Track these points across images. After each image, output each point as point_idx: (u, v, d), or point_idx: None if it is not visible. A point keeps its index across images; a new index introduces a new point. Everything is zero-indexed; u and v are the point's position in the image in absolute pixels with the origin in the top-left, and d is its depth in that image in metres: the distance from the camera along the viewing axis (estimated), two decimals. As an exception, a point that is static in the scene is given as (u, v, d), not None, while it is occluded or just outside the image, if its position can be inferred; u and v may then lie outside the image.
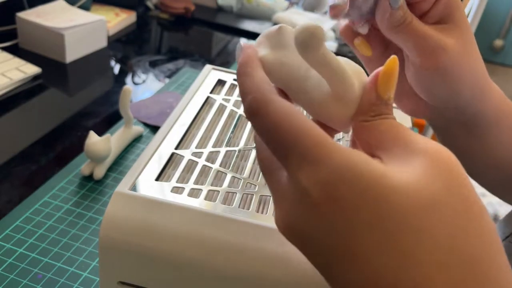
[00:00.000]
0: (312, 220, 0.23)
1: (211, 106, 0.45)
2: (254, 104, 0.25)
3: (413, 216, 0.22)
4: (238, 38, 1.16)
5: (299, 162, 0.23)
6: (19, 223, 0.54)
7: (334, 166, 0.22)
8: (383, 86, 0.26)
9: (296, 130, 0.23)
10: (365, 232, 0.22)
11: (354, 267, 0.22)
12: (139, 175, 0.34)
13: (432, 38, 0.36)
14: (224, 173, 0.36)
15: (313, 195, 0.23)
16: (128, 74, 0.94)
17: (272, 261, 0.30)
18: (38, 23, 0.89)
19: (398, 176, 0.23)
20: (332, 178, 0.22)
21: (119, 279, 0.33)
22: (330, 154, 0.23)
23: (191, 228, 0.31)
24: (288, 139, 0.24)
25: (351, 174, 0.22)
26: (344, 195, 0.22)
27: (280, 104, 0.25)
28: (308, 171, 0.23)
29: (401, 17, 0.36)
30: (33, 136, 0.70)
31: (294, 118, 0.24)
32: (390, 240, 0.22)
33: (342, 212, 0.22)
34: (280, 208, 0.25)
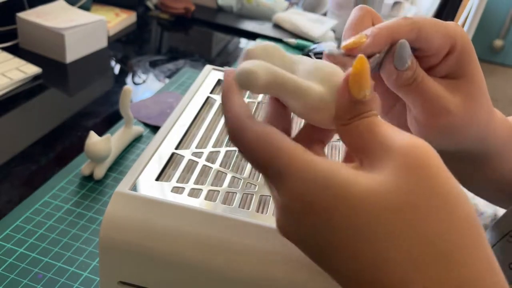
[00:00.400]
0: (297, 227, 0.26)
1: (211, 106, 0.45)
2: (231, 132, 0.27)
3: (382, 220, 0.23)
4: (238, 38, 1.16)
5: (276, 179, 0.26)
6: (19, 223, 0.54)
7: (305, 179, 0.24)
8: (355, 88, 0.26)
9: (269, 151, 0.25)
10: (340, 236, 0.24)
11: (337, 261, 0.25)
12: (139, 175, 0.34)
13: (439, 99, 0.34)
14: (224, 173, 0.36)
15: (292, 207, 0.25)
16: (128, 74, 0.94)
17: (272, 261, 0.30)
18: (38, 23, 0.89)
19: (365, 182, 0.24)
20: (304, 190, 0.24)
21: (119, 279, 0.33)
22: (301, 168, 0.25)
23: (191, 228, 0.31)
24: (264, 161, 0.26)
25: (320, 184, 0.24)
26: (316, 203, 0.24)
27: (254, 129, 0.26)
28: (284, 187, 0.25)
29: (409, 78, 0.33)
30: (33, 136, 0.70)
31: (268, 141, 0.26)
32: (362, 244, 0.23)
33: (317, 218, 0.24)
34: (276, 215, 0.27)
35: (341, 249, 0.24)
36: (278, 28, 1.21)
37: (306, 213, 0.25)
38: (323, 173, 0.24)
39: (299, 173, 0.25)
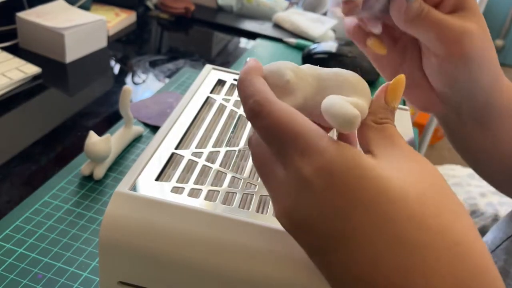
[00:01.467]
0: (312, 206, 0.25)
1: (211, 106, 0.45)
2: (256, 105, 0.27)
3: (404, 203, 0.24)
4: (238, 38, 1.16)
5: (301, 153, 0.25)
6: (19, 223, 0.54)
7: (333, 156, 0.25)
8: (391, 96, 0.30)
9: (297, 126, 0.26)
10: (362, 214, 0.24)
11: (351, 250, 0.24)
12: (139, 175, 0.34)
13: (454, 25, 0.36)
14: (224, 173, 0.36)
15: (314, 182, 0.25)
16: (128, 74, 0.94)
17: (272, 261, 0.30)
18: (38, 23, 0.89)
19: (390, 169, 0.25)
20: (331, 167, 0.25)
21: (119, 279, 0.33)
22: (328, 147, 0.25)
23: (191, 228, 0.31)
24: (290, 134, 0.26)
25: (348, 164, 0.25)
26: (342, 182, 0.24)
27: (281, 105, 0.27)
28: (310, 161, 0.25)
29: (417, 9, 0.36)
30: (33, 136, 0.70)
31: (295, 117, 0.26)
32: (385, 225, 0.24)
33: (340, 197, 0.24)
34: (279, 199, 0.27)
35: (361, 229, 0.24)
36: (278, 28, 1.21)
37: (332, 189, 0.24)
38: (351, 154, 0.25)
39: (328, 151, 0.25)
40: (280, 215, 0.27)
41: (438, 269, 0.23)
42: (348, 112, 0.27)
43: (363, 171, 0.24)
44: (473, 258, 0.24)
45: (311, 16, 1.24)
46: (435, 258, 0.23)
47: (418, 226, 0.24)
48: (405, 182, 0.25)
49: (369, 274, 0.24)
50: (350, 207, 0.24)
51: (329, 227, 0.25)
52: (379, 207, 0.24)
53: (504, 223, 0.55)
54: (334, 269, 0.25)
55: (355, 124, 0.27)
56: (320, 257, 0.26)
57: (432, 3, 0.37)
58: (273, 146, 0.27)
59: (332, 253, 0.25)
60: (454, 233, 0.24)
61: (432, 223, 0.24)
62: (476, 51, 0.37)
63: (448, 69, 0.39)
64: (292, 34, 1.17)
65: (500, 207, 1.61)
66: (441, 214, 0.24)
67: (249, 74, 0.29)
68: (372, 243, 0.24)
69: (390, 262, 0.23)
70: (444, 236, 0.24)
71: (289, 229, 0.27)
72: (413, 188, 0.25)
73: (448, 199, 0.26)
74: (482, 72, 0.39)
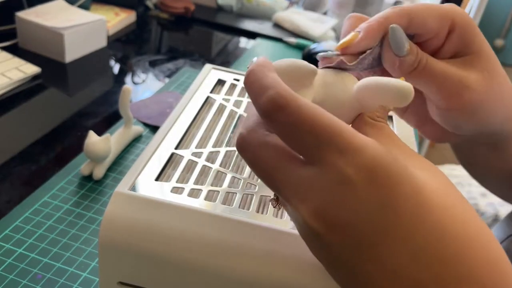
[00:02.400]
0: (355, 204, 0.24)
1: (211, 106, 0.45)
2: (279, 98, 0.25)
3: (437, 195, 0.24)
4: (238, 38, 1.16)
5: (340, 152, 0.24)
6: (18, 223, 0.54)
7: (374, 155, 0.24)
8: None
9: (332, 123, 0.24)
10: (404, 210, 0.24)
11: (391, 246, 0.24)
12: (138, 175, 0.34)
13: (453, 77, 0.34)
14: (224, 173, 0.36)
15: (354, 180, 0.24)
16: (128, 74, 0.94)
17: (272, 262, 0.30)
18: (38, 22, 0.89)
19: (423, 179, 0.25)
20: (373, 165, 0.24)
21: (118, 280, 0.33)
22: (367, 144, 0.24)
23: (191, 228, 0.31)
24: (327, 131, 0.24)
25: (389, 163, 0.24)
26: (384, 181, 0.24)
27: (305, 101, 0.25)
28: (350, 158, 0.24)
29: (413, 62, 0.33)
30: (33, 136, 0.69)
31: (326, 113, 0.25)
32: (425, 218, 0.24)
33: (381, 197, 0.24)
34: (310, 200, 0.25)
35: (401, 227, 0.24)
36: (278, 27, 1.20)
37: (372, 185, 0.24)
38: (385, 150, 0.24)
39: (368, 147, 0.24)
40: (312, 215, 0.24)
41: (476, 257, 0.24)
42: (403, 83, 0.26)
43: (400, 167, 0.24)
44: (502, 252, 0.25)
45: (311, 15, 1.24)
46: (473, 247, 0.24)
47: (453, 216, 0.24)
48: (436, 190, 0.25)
49: (408, 269, 0.23)
50: (394, 202, 0.24)
51: (370, 224, 0.24)
52: (419, 201, 0.24)
53: (503, 223, 0.55)
54: (365, 267, 0.24)
55: (411, 95, 0.26)
56: (351, 256, 0.24)
57: (431, 48, 0.35)
58: (299, 143, 0.25)
59: (368, 250, 0.24)
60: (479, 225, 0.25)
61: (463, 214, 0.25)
62: (481, 103, 0.35)
63: (452, 119, 0.36)
64: (292, 34, 1.17)
65: (500, 207, 1.61)
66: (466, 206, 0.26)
67: (263, 66, 0.27)
68: (413, 237, 0.23)
69: (432, 255, 0.23)
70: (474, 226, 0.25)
71: (319, 230, 0.25)
72: (435, 181, 0.25)
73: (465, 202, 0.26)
74: (492, 118, 0.37)
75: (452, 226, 0.24)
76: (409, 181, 0.24)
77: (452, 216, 0.24)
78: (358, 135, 0.25)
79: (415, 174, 0.25)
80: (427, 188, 0.25)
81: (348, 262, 0.25)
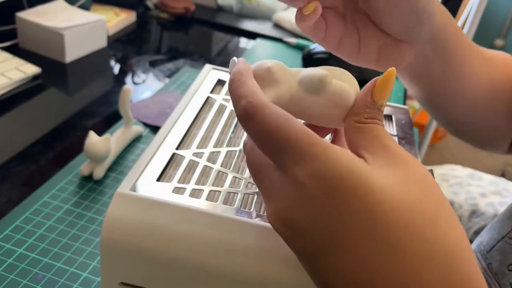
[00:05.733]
0: (306, 211, 0.25)
1: (211, 106, 0.45)
2: (249, 107, 0.27)
3: (399, 213, 0.24)
4: (238, 38, 1.16)
5: (297, 158, 0.25)
6: (19, 223, 0.54)
7: (328, 162, 0.24)
8: (379, 93, 0.29)
9: (292, 131, 0.26)
10: (355, 223, 0.24)
11: (343, 257, 0.24)
12: (140, 176, 0.34)
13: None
14: (225, 173, 0.36)
15: (308, 187, 0.25)
16: (128, 74, 0.94)
17: (274, 262, 0.30)
18: (38, 23, 0.89)
19: (384, 178, 0.25)
20: (326, 172, 0.24)
21: (120, 280, 0.33)
22: (324, 152, 0.25)
23: (193, 228, 0.31)
24: (285, 139, 0.25)
25: (343, 170, 0.24)
26: (336, 188, 0.24)
27: (274, 108, 0.27)
28: (305, 166, 0.25)
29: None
30: (33, 136, 0.69)
31: (289, 121, 0.26)
32: (378, 233, 0.24)
33: (334, 204, 0.24)
34: (273, 203, 0.27)
35: (354, 237, 0.24)
36: (278, 27, 1.21)
37: (324, 195, 0.24)
38: (344, 161, 0.25)
39: (320, 157, 0.25)
40: (274, 218, 0.26)
41: (432, 279, 0.23)
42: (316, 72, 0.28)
43: (356, 180, 0.24)
44: (463, 267, 0.24)
45: (311, 16, 1.23)
46: (429, 268, 0.23)
47: (413, 235, 0.24)
48: (400, 190, 0.25)
49: (362, 281, 0.24)
50: (343, 216, 0.24)
51: (322, 233, 0.24)
52: (373, 217, 0.24)
53: (498, 223, 0.55)
54: (326, 275, 0.25)
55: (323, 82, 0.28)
56: (312, 262, 0.26)
57: None
58: (267, 150, 0.27)
59: (325, 258, 0.25)
60: (448, 243, 0.24)
61: (427, 232, 0.24)
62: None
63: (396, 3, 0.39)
64: (292, 34, 1.17)
65: (500, 207, 1.61)
66: (436, 223, 0.24)
67: (241, 74, 0.29)
68: (366, 251, 0.23)
69: (384, 270, 0.23)
70: (439, 246, 0.24)
71: (282, 233, 0.26)
72: (408, 196, 0.24)
73: (442, 207, 0.25)
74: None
75: (412, 246, 0.23)
76: (363, 197, 0.24)
77: (413, 237, 0.24)
78: (316, 144, 0.25)
79: (375, 188, 0.24)
80: (386, 205, 0.24)
81: (310, 266, 0.26)
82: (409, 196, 0.24)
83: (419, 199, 0.25)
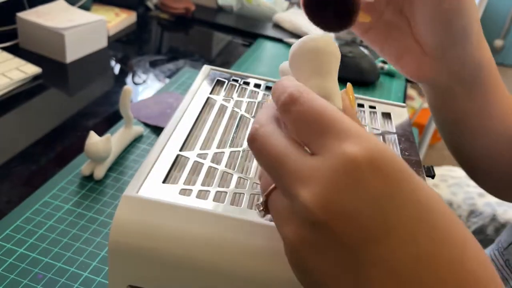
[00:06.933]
0: (356, 192, 0.23)
1: (212, 106, 0.45)
2: (296, 91, 0.27)
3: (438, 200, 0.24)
4: (238, 38, 1.16)
5: (349, 138, 0.24)
6: (19, 223, 0.54)
7: (380, 144, 0.24)
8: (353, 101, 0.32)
9: (336, 113, 0.25)
10: (406, 207, 0.23)
11: (390, 245, 0.23)
12: (146, 178, 0.34)
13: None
14: (230, 174, 0.36)
15: (359, 163, 0.23)
16: (128, 74, 0.94)
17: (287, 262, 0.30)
18: (38, 23, 0.89)
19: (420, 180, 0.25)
20: (380, 154, 0.23)
21: (129, 283, 0.32)
22: (368, 134, 0.24)
23: (201, 230, 0.31)
24: (331, 119, 0.25)
25: (392, 155, 0.24)
26: (389, 170, 0.24)
27: (318, 96, 0.27)
28: (359, 145, 0.24)
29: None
30: (33, 136, 0.69)
31: (332, 106, 0.26)
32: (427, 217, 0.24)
33: (386, 185, 0.23)
34: (313, 186, 0.24)
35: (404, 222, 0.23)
36: (278, 28, 1.21)
37: (376, 174, 0.23)
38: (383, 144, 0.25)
39: (368, 137, 0.24)
40: (314, 201, 0.23)
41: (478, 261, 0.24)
42: None
43: (402, 163, 0.24)
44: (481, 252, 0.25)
45: (311, 16, 1.23)
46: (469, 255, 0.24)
47: (453, 222, 0.24)
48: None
49: (406, 272, 0.23)
50: (394, 198, 0.23)
51: (373, 217, 0.23)
52: (421, 200, 0.24)
53: (510, 229, 0.56)
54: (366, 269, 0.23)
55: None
56: (352, 254, 0.23)
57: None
58: (308, 133, 0.26)
59: (371, 247, 0.23)
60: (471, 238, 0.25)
61: (456, 218, 0.25)
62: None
63: (445, 11, 0.41)
64: (292, 34, 1.17)
65: (498, 207, 1.61)
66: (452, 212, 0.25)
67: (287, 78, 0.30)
68: (416, 238, 0.23)
69: (436, 258, 0.23)
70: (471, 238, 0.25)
71: (320, 218, 0.23)
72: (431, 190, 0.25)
73: None
74: (472, 18, 0.41)
75: (450, 229, 0.24)
76: (411, 179, 0.24)
77: (449, 220, 0.24)
78: (361, 127, 0.25)
79: (414, 173, 0.25)
80: (426, 190, 0.24)
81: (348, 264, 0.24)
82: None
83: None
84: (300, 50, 0.32)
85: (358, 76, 0.98)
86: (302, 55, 0.32)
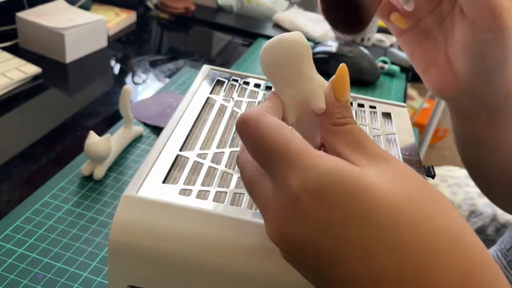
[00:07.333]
0: (304, 224, 0.24)
1: (212, 106, 0.45)
2: (245, 115, 0.27)
3: (399, 210, 0.23)
4: (238, 38, 1.16)
5: (288, 169, 0.25)
6: (19, 223, 0.54)
7: (320, 171, 0.24)
8: (339, 90, 0.29)
9: (283, 140, 0.25)
10: (356, 229, 0.23)
11: (350, 266, 0.23)
12: (145, 178, 0.34)
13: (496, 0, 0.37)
14: (230, 174, 0.36)
15: (303, 200, 0.24)
16: (128, 74, 0.94)
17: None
18: (38, 23, 0.89)
19: (376, 177, 0.25)
20: (319, 182, 0.24)
21: (128, 283, 0.32)
22: (315, 160, 0.24)
23: (202, 230, 0.31)
24: (277, 148, 0.25)
25: (336, 177, 0.24)
26: (332, 197, 0.24)
27: (269, 118, 0.27)
28: (297, 176, 0.24)
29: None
30: (33, 136, 0.69)
31: (282, 130, 0.26)
32: (383, 234, 0.23)
33: (332, 213, 0.24)
34: (270, 219, 0.26)
35: (359, 243, 0.23)
36: (278, 28, 1.21)
37: (321, 206, 0.24)
38: (336, 166, 0.24)
39: (313, 165, 0.24)
40: (274, 234, 0.26)
41: (444, 269, 0.23)
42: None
43: (350, 185, 0.24)
44: (472, 251, 0.24)
45: (311, 16, 1.24)
46: (439, 260, 0.23)
47: (418, 231, 0.23)
48: (394, 188, 0.24)
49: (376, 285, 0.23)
50: (342, 223, 0.23)
51: (326, 245, 0.24)
52: (373, 219, 0.23)
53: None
54: (339, 285, 0.24)
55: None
56: (318, 276, 0.25)
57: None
58: (259, 159, 0.27)
59: (332, 270, 0.24)
60: (452, 232, 0.24)
61: (430, 225, 0.24)
62: (509, 29, 0.38)
63: (476, 43, 0.39)
64: (292, 35, 1.17)
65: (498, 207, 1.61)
66: (436, 215, 0.24)
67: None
68: (373, 256, 0.23)
69: (396, 272, 0.23)
70: (443, 236, 0.23)
71: (283, 248, 0.26)
72: (404, 192, 0.24)
73: (437, 198, 0.25)
74: (508, 52, 0.39)
75: (418, 242, 0.23)
76: (361, 200, 0.23)
77: (416, 233, 0.23)
78: (307, 153, 0.25)
79: (371, 190, 0.24)
80: (385, 205, 0.24)
81: (317, 282, 0.25)
82: (405, 192, 0.24)
83: (415, 194, 0.24)
84: (266, 60, 0.31)
85: (358, 76, 0.98)
86: (269, 65, 0.31)
